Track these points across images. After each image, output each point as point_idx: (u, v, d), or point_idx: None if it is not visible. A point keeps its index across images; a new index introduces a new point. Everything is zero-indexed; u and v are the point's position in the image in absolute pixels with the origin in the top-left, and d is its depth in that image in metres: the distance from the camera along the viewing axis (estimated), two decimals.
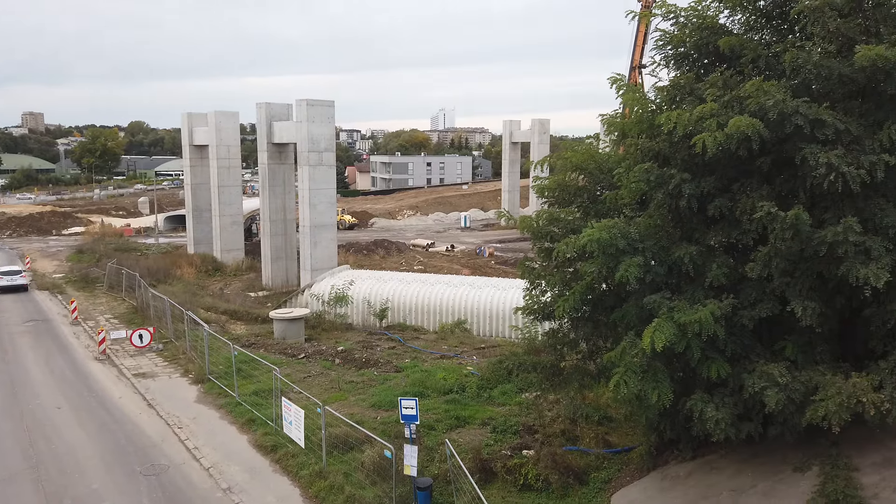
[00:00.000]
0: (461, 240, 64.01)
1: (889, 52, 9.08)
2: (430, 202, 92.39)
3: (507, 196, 79.28)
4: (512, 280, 30.03)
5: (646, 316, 10.74)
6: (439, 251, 56.57)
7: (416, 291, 30.42)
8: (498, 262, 50.42)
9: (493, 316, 28.17)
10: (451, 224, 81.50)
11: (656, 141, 11.79)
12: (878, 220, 9.77)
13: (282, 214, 42.07)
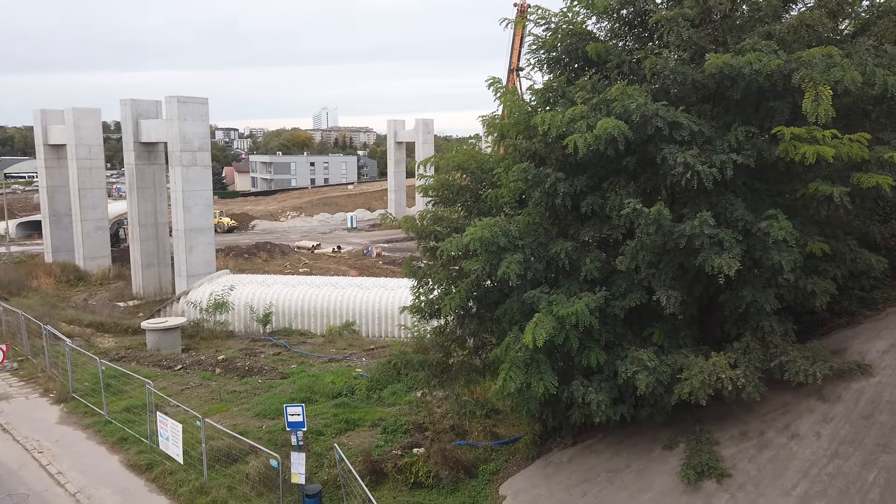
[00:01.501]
0: (348, 241, 63.27)
1: (734, 60, 9.95)
2: (314, 203, 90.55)
3: (394, 196, 79.33)
4: (400, 280, 30.10)
5: (527, 310, 11.13)
6: (325, 253, 55.59)
7: (302, 294, 29.72)
8: (386, 263, 50.32)
9: (382, 316, 28.11)
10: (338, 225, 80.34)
11: (533, 142, 12.23)
12: (729, 214, 10.69)
13: (153, 218, 39.54)
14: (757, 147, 10.68)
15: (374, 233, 71.04)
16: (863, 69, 10.26)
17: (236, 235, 66.64)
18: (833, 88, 9.81)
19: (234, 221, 73.47)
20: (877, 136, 11.89)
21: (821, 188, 10.28)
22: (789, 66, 9.98)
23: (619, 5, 12.29)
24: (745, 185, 11.47)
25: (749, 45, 10.39)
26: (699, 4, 10.93)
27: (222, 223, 68.15)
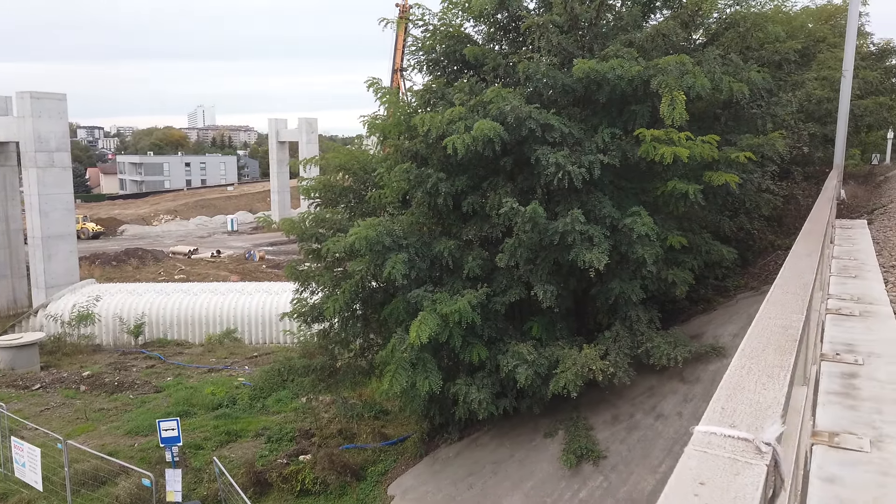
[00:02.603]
0: (228, 244, 60.57)
1: (599, 66, 10.53)
2: (191, 205, 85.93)
3: (277, 197, 76.88)
4: (285, 283, 29.16)
5: (413, 310, 11.18)
6: (204, 258, 52.91)
7: (178, 302, 28.10)
8: (270, 266, 48.69)
9: (266, 322, 27.17)
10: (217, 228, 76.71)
11: (414, 142, 12.31)
12: (598, 212, 11.30)
13: (4, 225, 35.84)
14: (622, 148, 11.36)
15: (256, 236, 68.50)
16: (711, 76, 11.20)
17: (103, 242, 61.87)
18: (686, 93, 10.63)
19: (100, 227, 68.22)
20: (726, 138, 13.04)
21: (678, 186, 11.10)
22: (648, 72, 10.70)
23: (494, 10, 12.63)
24: (613, 183, 12.17)
25: (612, 51, 11.04)
26: (567, 12, 11.46)
27: (86, 229, 63.11)
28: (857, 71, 21.48)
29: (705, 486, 0.67)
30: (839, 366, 4.81)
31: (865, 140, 35.21)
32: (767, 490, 0.72)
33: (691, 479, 0.69)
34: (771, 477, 0.74)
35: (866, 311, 6.30)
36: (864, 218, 14.39)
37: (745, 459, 0.71)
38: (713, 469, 0.70)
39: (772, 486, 0.75)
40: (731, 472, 0.69)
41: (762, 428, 0.78)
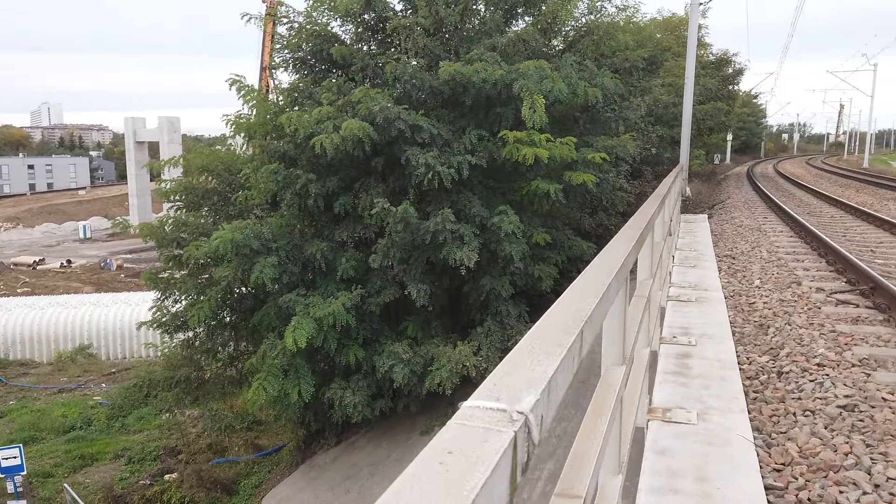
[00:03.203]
0: (81, 253, 55.68)
1: (464, 69, 10.79)
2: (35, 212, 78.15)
3: (137, 201, 71.62)
4: (146, 293, 27.31)
5: (285, 315, 10.88)
6: (52, 268, 48.29)
7: (21, 318, 25.46)
8: (129, 276, 45.32)
9: (126, 335, 25.28)
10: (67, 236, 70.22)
11: (282, 142, 11.99)
12: (468, 211, 11.58)
13: None
14: (488, 149, 11.72)
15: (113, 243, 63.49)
16: (569, 81, 11.83)
17: None
18: (546, 97, 11.15)
19: None
20: (584, 140, 13.84)
21: (541, 185, 11.62)
22: (510, 76, 11.11)
23: (360, 10, 12.57)
24: (481, 183, 12.53)
25: (477, 55, 11.36)
26: (432, 15, 11.64)
27: None
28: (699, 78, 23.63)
29: (452, 455, 0.71)
30: (675, 347, 5.27)
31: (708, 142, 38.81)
32: (518, 453, 0.77)
33: (441, 448, 0.72)
34: (524, 443, 0.80)
35: (702, 297, 6.95)
36: (706, 213, 15.87)
37: (497, 428, 0.76)
38: (464, 439, 0.74)
39: (526, 451, 0.80)
40: (479, 440, 0.73)
41: (520, 399, 0.83)
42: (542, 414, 0.94)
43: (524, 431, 0.83)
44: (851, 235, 11.57)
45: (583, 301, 1.46)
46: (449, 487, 0.67)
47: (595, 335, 1.51)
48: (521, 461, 0.84)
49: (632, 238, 2.60)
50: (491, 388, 0.94)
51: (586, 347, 1.36)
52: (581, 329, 1.29)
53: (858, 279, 7.01)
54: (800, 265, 8.47)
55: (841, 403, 3.94)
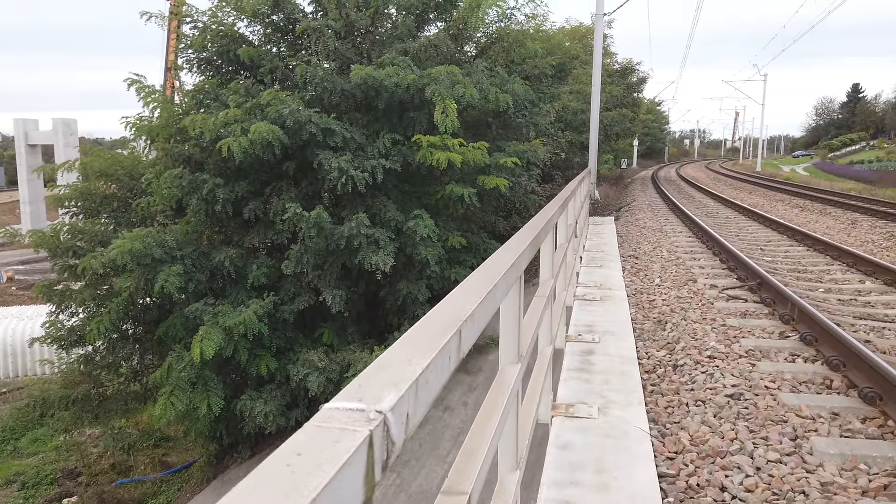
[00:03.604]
0: None
1: (375, 73, 10.76)
2: None
3: (29, 208, 66.66)
4: (41, 306, 25.52)
5: (193, 326, 10.46)
6: None
7: None
8: (21, 288, 42.07)
9: (17, 353, 23.47)
10: None
11: (186, 146, 11.54)
12: (383, 215, 11.55)
13: None
14: (403, 153, 11.73)
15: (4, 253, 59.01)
16: (480, 87, 12.03)
17: None
18: (458, 102, 11.29)
19: None
20: (496, 145, 14.10)
21: (455, 190, 11.75)
22: (422, 80, 11.17)
23: (269, 10, 12.29)
24: (397, 187, 12.53)
25: (389, 59, 11.35)
26: (343, 18, 11.54)
27: None
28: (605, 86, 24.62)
29: (301, 457, 0.70)
30: (580, 345, 5.46)
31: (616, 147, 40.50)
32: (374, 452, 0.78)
33: (291, 451, 0.72)
34: (383, 441, 0.80)
35: (606, 296, 7.24)
36: (613, 215, 16.54)
37: (353, 428, 0.76)
38: (317, 440, 0.74)
39: (385, 450, 0.81)
40: (332, 441, 0.73)
41: (382, 399, 0.84)
42: (406, 412, 0.95)
43: (382, 430, 0.84)
44: (744, 235, 12.38)
45: (466, 301, 1.49)
46: (289, 488, 0.67)
47: (479, 334, 1.54)
48: (379, 459, 0.85)
49: (525, 240, 2.67)
50: (356, 389, 0.95)
51: (466, 347, 1.39)
52: (459, 329, 1.31)
53: (747, 276, 7.50)
54: (696, 264, 8.98)
55: (729, 393, 4.20)
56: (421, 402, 1.03)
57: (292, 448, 0.75)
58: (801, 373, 4.50)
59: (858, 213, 15.95)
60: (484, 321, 1.61)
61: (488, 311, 1.67)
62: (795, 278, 8.19)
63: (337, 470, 0.70)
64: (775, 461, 3.28)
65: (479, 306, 1.49)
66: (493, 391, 2.15)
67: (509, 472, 2.43)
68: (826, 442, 3.44)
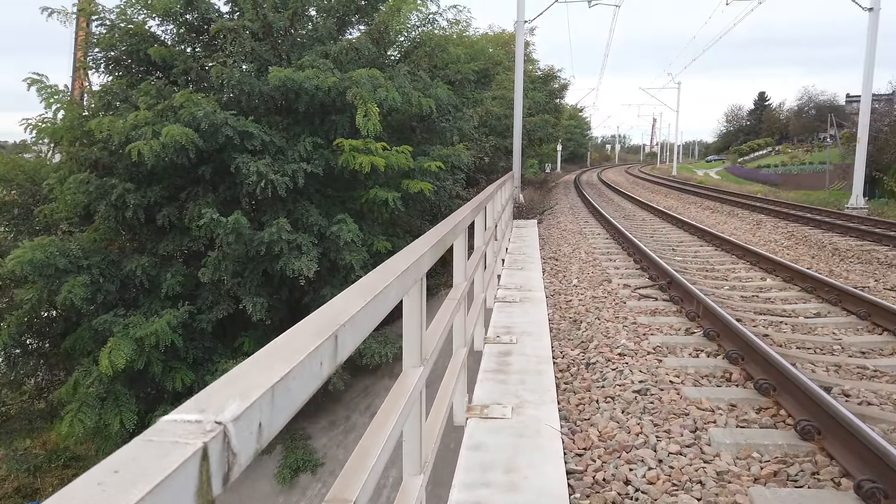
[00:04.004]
0: None
1: (295, 75, 10.56)
2: None
3: None
4: None
5: (102, 338, 9.96)
6: None
7: None
8: None
9: None
10: None
11: (94, 149, 10.98)
12: (305, 220, 11.34)
13: None
14: (325, 157, 11.56)
15: None
16: (402, 91, 12.02)
17: None
18: (380, 106, 11.24)
19: None
20: (421, 149, 14.13)
21: (379, 194, 11.68)
22: (343, 83, 11.06)
23: (182, 10, 11.86)
24: (319, 192, 12.34)
25: (309, 61, 11.18)
26: (260, 19, 11.28)
27: None
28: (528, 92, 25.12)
29: (118, 473, 0.66)
30: (498, 346, 5.52)
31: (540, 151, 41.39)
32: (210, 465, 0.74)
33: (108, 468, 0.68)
34: (222, 454, 0.77)
35: (526, 298, 7.36)
36: (536, 218, 16.87)
37: (185, 441, 0.72)
38: (143, 455, 0.70)
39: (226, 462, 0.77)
40: (158, 455, 0.69)
41: (225, 408, 0.80)
42: (258, 421, 0.92)
43: (221, 442, 0.80)
44: (658, 236, 12.89)
45: (348, 304, 1.46)
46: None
47: (364, 337, 1.52)
48: (217, 473, 0.81)
49: (429, 242, 2.67)
50: (203, 398, 0.90)
51: (346, 351, 1.36)
52: (335, 333, 1.29)
53: (658, 275, 7.81)
54: (612, 264, 9.27)
55: (636, 388, 4.35)
56: (280, 409, 1.00)
57: (111, 465, 0.70)
58: (704, 367, 4.72)
59: (763, 214, 16.92)
60: (371, 323, 1.59)
61: (377, 313, 1.65)
62: (703, 277, 8.60)
63: (154, 486, 0.66)
64: (676, 453, 3.42)
65: (362, 309, 1.47)
66: (391, 396, 2.13)
67: (412, 476, 2.42)
68: (723, 433, 3.61)
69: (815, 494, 3.00)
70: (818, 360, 5.09)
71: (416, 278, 2.28)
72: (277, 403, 0.98)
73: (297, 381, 1.06)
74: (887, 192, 27.07)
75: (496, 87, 22.29)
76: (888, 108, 48.18)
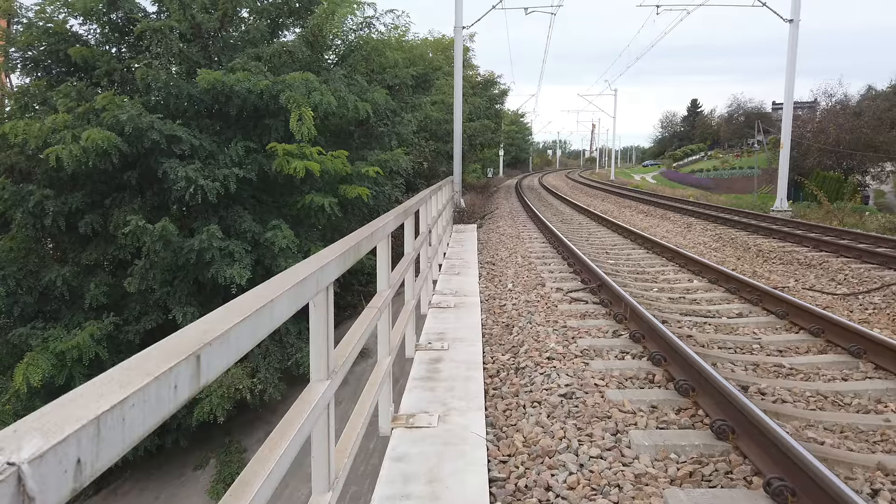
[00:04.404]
0: None
1: (225, 78, 10.28)
2: None
3: None
4: None
5: (19, 352, 9.45)
6: None
7: None
8: None
9: None
10: None
11: (9, 154, 10.40)
12: (238, 226, 11.04)
13: None
14: (258, 162, 11.29)
15: None
16: (338, 95, 11.86)
17: None
18: (315, 110, 11.05)
19: None
20: (360, 154, 13.98)
21: (315, 199, 11.48)
22: (276, 87, 10.83)
23: (105, 9, 11.38)
24: (254, 197, 12.05)
25: (240, 64, 10.90)
26: (188, 19, 10.93)
27: None
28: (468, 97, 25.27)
29: None
30: (430, 353, 5.47)
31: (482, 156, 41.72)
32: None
33: None
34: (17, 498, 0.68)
35: (461, 303, 7.34)
36: (476, 223, 16.94)
37: None
38: None
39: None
40: None
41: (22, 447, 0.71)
42: (76, 458, 0.84)
43: (11, 485, 0.72)
44: (593, 240, 13.13)
45: (222, 320, 1.38)
46: None
47: (241, 355, 1.44)
48: None
49: (337, 250, 2.60)
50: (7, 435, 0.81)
51: (213, 372, 1.28)
52: (197, 353, 1.20)
53: (590, 278, 7.94)
54: (546, 268, 9.37)
55: (562, 392, 4.37)
56: (111, 442, 0.91)
57: None
58: (628, 369, 4.80)
59: (694, 217, 17.49)
60: (250, 340, 1.50)
61: (259, 328, 1.56)
62: (634, 279, 8.79)
63: None
64: (597, 457, 3.44)
65: (237, 326, 1.39)
66: (289, 414, 2.04)
67: (321, 493, 2.34)
68: (643, 434, 3.66)
69: (727, 494, 3.07)
70: (738, 360, 5.25)
71: (319, 288, 2.20)
72: (107, 436, 0.90)
73: (138, 409, 0.98)
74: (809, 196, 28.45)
75: (436, 93, 22.33)
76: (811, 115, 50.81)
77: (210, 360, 1.26)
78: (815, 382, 4.84)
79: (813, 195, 24.74)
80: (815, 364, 5.21)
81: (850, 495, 2.71)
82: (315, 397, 2.17)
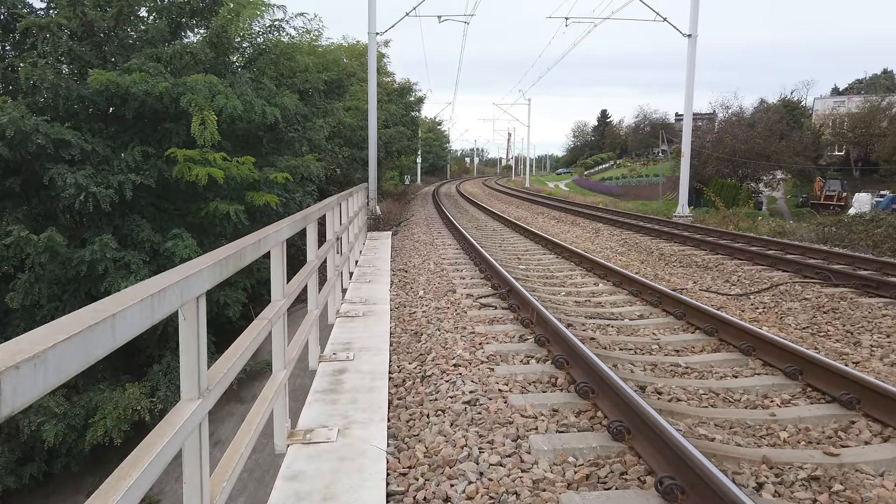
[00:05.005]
0: None
1: (120, 79, 9.72)
2: None
3: None
4: None
5: None
6: None
7: None
8: None
9: None
10: None
11: None
12: (135, 236, 10.45)
13: None
14: (157, 167, 10.75)
15: None
16: (244, 98, 11.47)
17: None
18: (219, 114, 10.63)
19: None
20: (269, 160, 13.57)
21: (220, 206, 11.04)
22: (177, 89, 10.35)
23: None
24: (153, 205, 11.45)
25: (137, 65, 10.34)
26: (78, 17, 10.27)
27: None
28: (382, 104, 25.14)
29: None
30: (334, 364, 5.30)
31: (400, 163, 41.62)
32: None
33: None
34: None
35: (370, 311, 7.20)
36: (392, 230, 16.81)
37: None
38: None
39: None
40: None
41: None
42: None
43: None
44: (506, 246, 13.30)
45: (37, 341, 1.22)
46: None
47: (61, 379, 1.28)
48: None
49: (215, 257, 2.43)
50: None
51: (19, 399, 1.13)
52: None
53: (500, 284, 7.99)
54: (458, 274, 9.38)
55: (466, 399, 4.33)
56: None
57: None
58: (532, 373, 4.82)
59: (602, 223, 18.09)
60: (83, 359, 1.34)
61: (95, 347, 1.41)
62: (543, 284, 8.93)
63: None
64: (496, 464, 3.41)
65: (61, 344, 1.23)
66: (147, 439, 1.87)
67: None
68: (542, 439, 3.67)
69: (620, 495, 3.10)
70: (637, 361, 5.39)
71: (186, 298, 2.04)
72: None
73: None
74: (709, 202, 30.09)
75: (351, 98, 22.07)
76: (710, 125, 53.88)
77: (17, 384, 1.10)
78: (707, 380, 5.04)
79: (711, 201, 26.21)
80: (708, 362, 5.42)
81: (735, 492, 2.80)
82: (181, 419, 2.00)
